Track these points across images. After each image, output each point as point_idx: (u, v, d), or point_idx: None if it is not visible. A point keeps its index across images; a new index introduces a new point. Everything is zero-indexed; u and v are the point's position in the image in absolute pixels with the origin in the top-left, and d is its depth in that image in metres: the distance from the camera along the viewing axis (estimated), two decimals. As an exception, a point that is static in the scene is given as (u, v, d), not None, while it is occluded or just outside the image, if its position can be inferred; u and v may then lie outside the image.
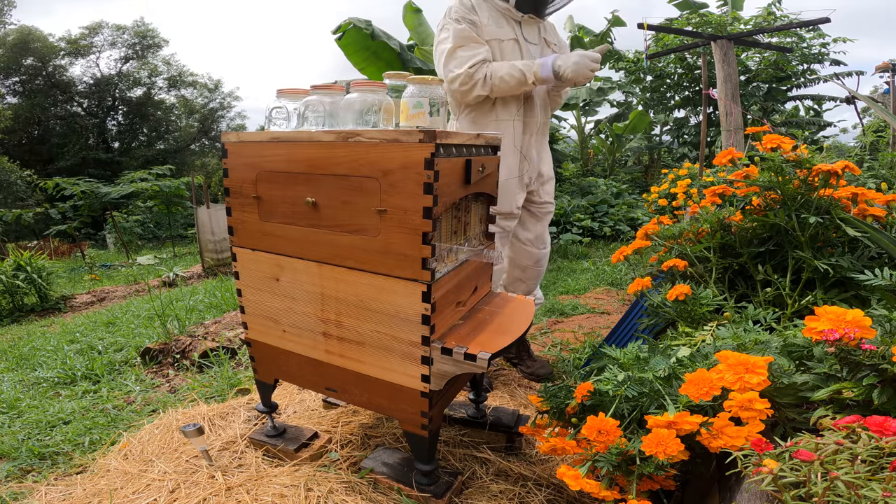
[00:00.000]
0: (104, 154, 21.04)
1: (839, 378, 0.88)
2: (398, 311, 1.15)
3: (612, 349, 1.20)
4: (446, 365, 1.16)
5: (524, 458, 1.52)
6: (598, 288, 4.03)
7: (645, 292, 1.51)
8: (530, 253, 2.14)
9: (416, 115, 1.18)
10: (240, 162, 1.28)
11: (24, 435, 1.91)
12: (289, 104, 1.24)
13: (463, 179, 1.18)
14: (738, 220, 1.52)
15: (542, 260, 2.18)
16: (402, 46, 5.47)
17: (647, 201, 5.52)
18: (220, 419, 1.71)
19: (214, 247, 7.23)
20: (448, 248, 1.23)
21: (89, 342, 3.33)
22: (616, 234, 6.64)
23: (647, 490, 0.96)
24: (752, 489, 0.81)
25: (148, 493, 1.32)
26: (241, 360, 2.58)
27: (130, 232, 12.56)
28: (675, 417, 0.90)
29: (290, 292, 1.30)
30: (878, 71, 6.04)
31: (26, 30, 19.90)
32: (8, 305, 5.60)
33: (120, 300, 5.88)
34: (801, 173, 1.40)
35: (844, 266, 1.26)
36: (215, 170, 22.33)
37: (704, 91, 4.82)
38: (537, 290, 2.27)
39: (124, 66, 22.91)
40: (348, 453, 1.48)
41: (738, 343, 1.05)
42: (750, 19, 8.48)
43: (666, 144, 10.77)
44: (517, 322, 1.32)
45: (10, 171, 15.46)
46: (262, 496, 1.24)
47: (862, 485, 0.61)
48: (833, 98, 9.02)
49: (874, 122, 6.68)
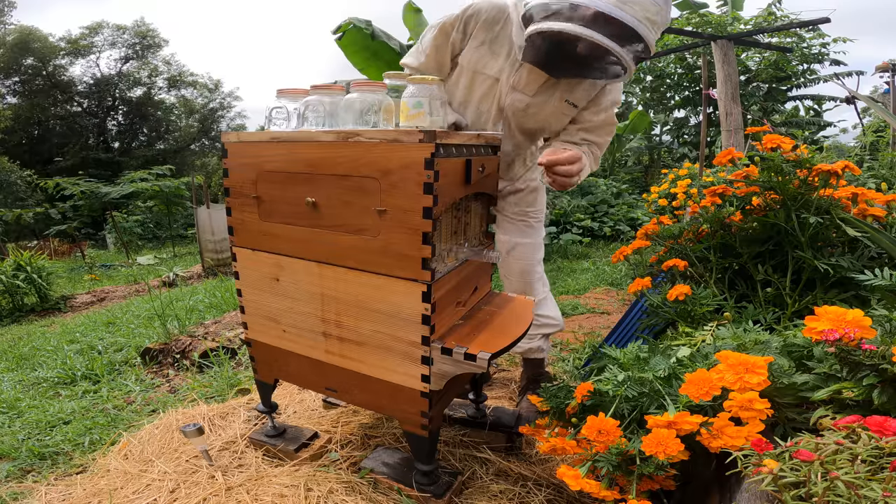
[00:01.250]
0: (104, 154, 21.06)
1: (839, 378, 0.88)
2: (398, 311, 1.15)
3: (612, 349, 1.20)
4: (446, 365, 1.16)
5: (524, 458, 1.52)
6: (598, 288, 4.03)
7: (645, 292, 1.51)
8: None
9: (416, 115, 1.18)
10: (240, 162, 1.28)
11: (24, 435, 1.91)
12: (289, 104, 1.24)
13: (463, 179, 1.18)
14: (738, 220, 1.52)
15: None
16: (403, 46, 5.47)
17: (647, 201, 5.52)
18: (220, 419, 1.71)
19: (214, 247, 7.22)
20: (448, 248, 1.23)
21: (89, 342, 3.34)
22: (616, 234, 6.63)
23: (647, 490, 0.96)
24: (752, 489, 0.81)
25: (148, 493, 1.32)
26: (241, 360, 2.58)
27: (130, 232, 12.56)
28: (675, 417, 0.90)
29: (290, 292, 1.30)
30: (878, 71, 6.04)
31: (26, 30, 19.92)
32: (8, 305, 5.60)
33: (120, 300, 5.88)
34: (801, 173, 1.41)
35: (844, 266, 1.26)
36: (215, 170, 22.33)
37: (704, 91, 4.82)
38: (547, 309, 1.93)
39: (124, 66, 22.93)
40: (348, 453, 1.48)
41: (738, 343, 1.05)
42: (750, 19, 8.49)
43: (666, 144, 10.78)
44: (517, 322, 1.32)
45: (10, 171, 15.47)
46: (262, 496, 1.24)
47: (862, 485, 0.61)
48: (833, 98, 9.02)
49: (874, 122, 6.68)
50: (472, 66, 1.55)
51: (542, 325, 1.87)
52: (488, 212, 1.46)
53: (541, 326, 1.87)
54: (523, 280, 1.86)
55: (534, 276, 1.87)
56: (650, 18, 1.25)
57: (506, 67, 1.52)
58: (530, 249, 1.85)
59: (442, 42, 1.55)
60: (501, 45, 1.51)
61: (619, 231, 6.61)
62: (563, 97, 1.54)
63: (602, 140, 1.61)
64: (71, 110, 21.96)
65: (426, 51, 1.58)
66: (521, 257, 1.84)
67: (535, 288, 1.88)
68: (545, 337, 1.90)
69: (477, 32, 1.51)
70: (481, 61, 1.53)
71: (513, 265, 1.85)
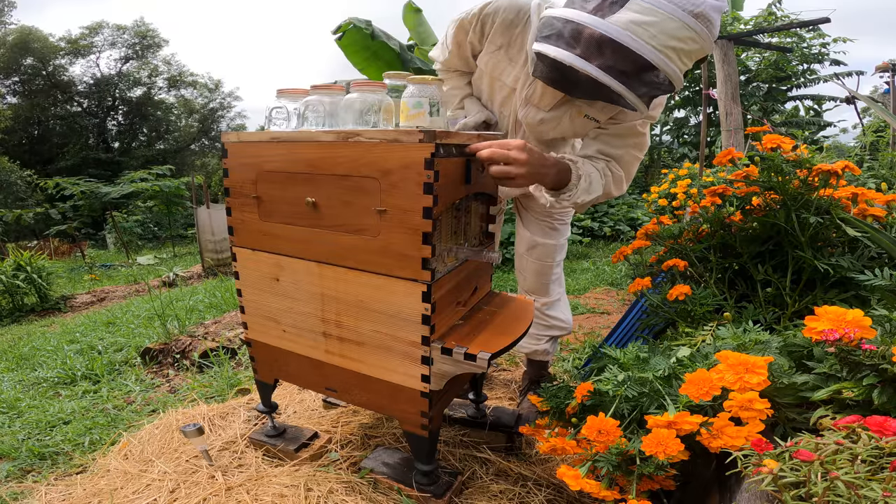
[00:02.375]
0: (104, 154, 21.08)
1: (839, 378, 0.88)
2: (398, 311, 1.15)
3: (612, 349, 1.20)
4: (446, 365, 1.16)
5: (524, 458, 1.52)
6: (598, 288, 4.03)
7: (645, 292, 1.51)
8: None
9: (416, 115, 1.18)
10: (240, 162, 1.28)
11: (24, 435, 1.91)
12: (289, 104, 1.24)
13: (463, 179, 1.18)
14: (738, 220, 1.52)
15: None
16: (402, 46, 5.47)
17: (647, 201, 5.51)
18: (220, 419, 1.71)
19: (214, 247, 7.23)
20: (448, 248, 1.23)
21: (89, 342, 3.34)
22: (616, 234, 6.64)
23: (647, 490, 0.96)
24: (752, 489, 0.81)
25: (148, 493, 1.32)
26: (241, 360, 2.58)
27: (130, 232, 12.57)
28: (675, 417, 0.90)
29: (290, 292, 1.30)
30: (878, 71, 6.03)
31: (26, 30, 19.93)
32: (8, 305, 5.60)
33: (120, 300, 5.88)
34: (801, 173, 1.40)
35: (844, 266, 1.26)
36: (215, 170, 22.34)
37: (704, 91, 4.82)
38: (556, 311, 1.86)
39: (124, 66, 22.95)
40: (348, 453, 1.48)
41: (738, 343, 1.05)
42: (750, 19, 8.48)
43: (666, 144, 10.77)
44: (517, 322, 1.32)
45: (10, 171, 15.48)
46: (262, 496, 1.24)
47: (862, 485, 0.61)
48: (833, 98, 9.02)
49: (874, 122, 6.68)
50: (489, 71, 1.44)
51: (551, 326, 1.83)
52: (488, 212, 1.46)
53: (550, 328, 1.83)
54: (539, 280, 1.80)
55: (550, 277, 1.80)
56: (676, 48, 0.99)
57: (521, 77, 1.38)
58: (551, 250, 1.77)
59: (462, 39, 1.45)
60: (519, 51, 1.36)
61: (619, 231, 6.61)
62: (580, 112, 1.35)
63: (621, 152, 1.37)
64: (71, 110, 21.97)
65: (449, 46, 1.49)
66: (540, 257, 1.77)
67: (550, 289, 1.82)
68: (553, 339, 1.86)
69: (493, 36, 1.37)
70: (498, 67, 1.41)
71: (530, 264, 1.78)
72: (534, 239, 1.75)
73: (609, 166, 1.36)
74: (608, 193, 1.36)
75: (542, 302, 1.84)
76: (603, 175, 1.33)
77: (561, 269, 1.86)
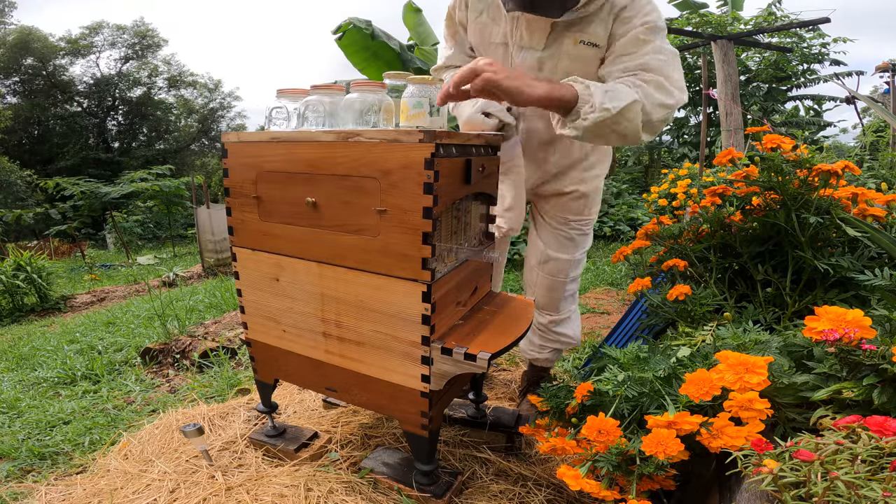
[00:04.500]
0: (104, 154, 21.08)
1: (839, 378, 0.88)
2: (398, 311, 1.15)
3: (612, 349, 1.20)
4: (446, 365, 1.16)
5: (524, 458, 1.52)
6: (598, 288, 4.03)
7: (645, 292, 1.51)
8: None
9: (416, 115, 1.18)
10: (240, 162, 1.28)
11: (24, 435, 1.91)
12: (289, 104, 1.24)
13: (463, 179, 1.18)
14: (738, 220, 1.52)
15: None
16: (402, 46, 5.48)
17: (647, 201, 5.52)
18: (220, 419, 1.71)
19: (214, 247, 7.23)
20: (448, 248, 1.23)
21: (89, 342, 3.34)
22: (616, 234, 6.64)
23: (647, 490, 0.96)
24: (752, 489, 0.81)
25: (148, 493, 1.31)
26: (241, 360, 2.58)
27: (130, 232, 12.57)
28: (675, 417, 0.90)
29: (290, 292, 1.30)
30: (878, 71, 6.04)
31: (26, 30, 19.93)
32: (8, 305, 5.60)
33: (120, 300, 5.88)
34: (801, 173, 1.41)
35: (844, 266, 1.26)
36: (215, 170, 22.35)
37: (704, 91, 4.82)
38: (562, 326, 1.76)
39: (124, 66, 22.95)
40: (348, 453, 1.48)
41: (738, 343, 1.05)
42: (750, 19, 8.49)
43: (666, 144, 10.77)
44: (517, 322, 1.32)
45: (10, 171, 15.48)
46: (262, 496, 1.24)
47: (862, 485, 0.61)
48: (833, 98, 9.03)
49: (874, 122, 6.68)
50: (479, 40, 1.47)
51: (556, 341, 1.76)
52: (488, 212, 1.46)
53: (555, 342, 1.76)
54: (549, 296, 1.67)
55: (562, 294, 1.66)
56: None
57: (507, 28, 1.41)
58: (564, 266, 1.62)
59: (454, 28, 1.52)
60: (498, 9, 1.39)
61: (619, 231, 6.61)
62: (576, 40, 1.31)
63: (642, 60, 1.24)
64: (71, 110, 21.97)
65: (446, 43, 1.57)
66: (553, 273, 1.63)
67: (560, 306, 1.69)
68: (557, 351, 1.81)
69: (473, 3, 1.44)
70: (486, 31, 1.44)
71: (542, 280, 1.65)
72: (547, 252, 1.62)
73: (638, 77, 1.24)
74: (652, 100, 1.20)
75: (549, 319, 1.72)
76: (633, 85, 1.21)
77: (577, 284, 1.70)
